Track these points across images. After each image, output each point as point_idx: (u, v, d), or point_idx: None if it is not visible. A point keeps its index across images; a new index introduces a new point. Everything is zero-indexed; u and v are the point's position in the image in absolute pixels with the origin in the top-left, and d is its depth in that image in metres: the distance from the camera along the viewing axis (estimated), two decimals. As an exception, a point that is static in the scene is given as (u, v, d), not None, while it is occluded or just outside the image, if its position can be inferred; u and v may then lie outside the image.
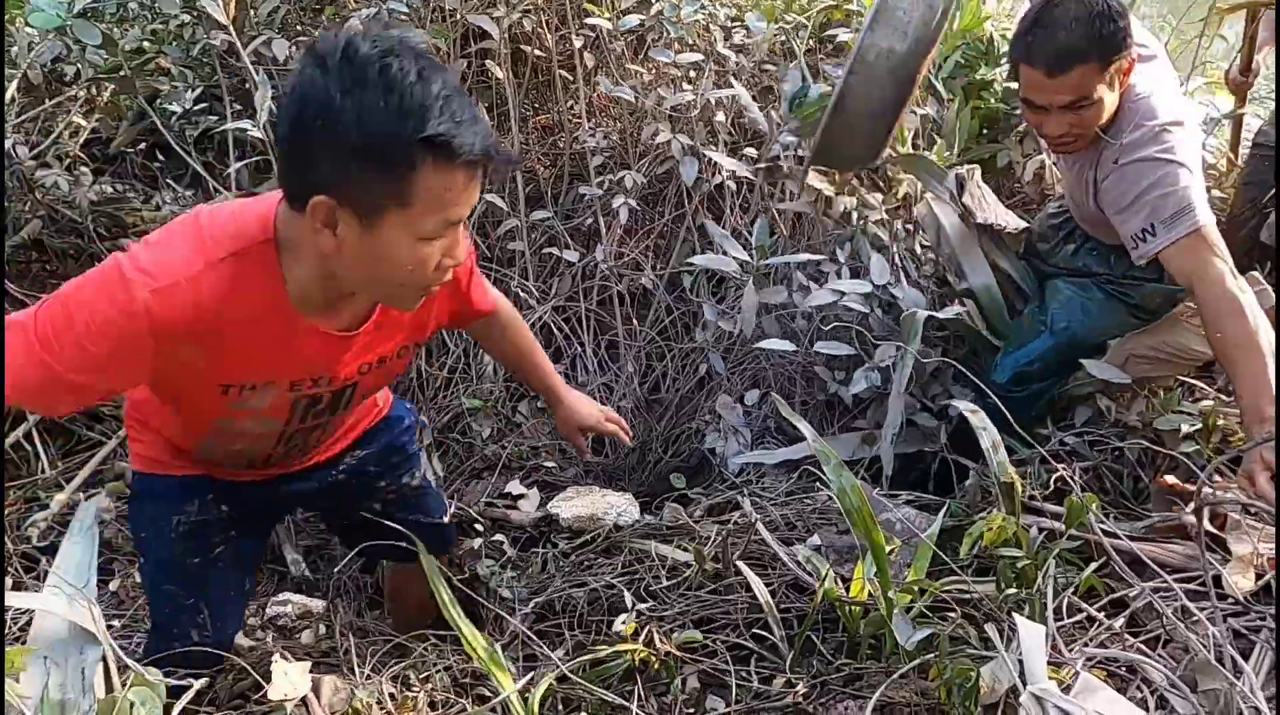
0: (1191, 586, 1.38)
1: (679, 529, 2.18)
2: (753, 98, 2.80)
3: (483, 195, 2.66)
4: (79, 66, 2.65)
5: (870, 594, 1.60)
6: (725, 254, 2.39)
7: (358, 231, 1.13)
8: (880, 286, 2.37)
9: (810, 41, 2.88)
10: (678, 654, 1.54)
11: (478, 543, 2.11)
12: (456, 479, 2.65)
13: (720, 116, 2.75)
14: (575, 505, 2.36)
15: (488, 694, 1.48)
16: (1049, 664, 1.26)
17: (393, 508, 1.77)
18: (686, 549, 1.96)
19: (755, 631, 1.70)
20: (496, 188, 2.84)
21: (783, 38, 2.89)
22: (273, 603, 2.24)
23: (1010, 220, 2.46)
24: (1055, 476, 1.81)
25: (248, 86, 2.62)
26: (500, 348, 1.83)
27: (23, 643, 1.07)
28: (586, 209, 2.91)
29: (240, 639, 2.07)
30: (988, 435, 1.69)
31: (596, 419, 1.90)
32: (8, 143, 2.75)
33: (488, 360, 2.77)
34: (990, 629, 1.32)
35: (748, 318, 2.40)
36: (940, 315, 2.27)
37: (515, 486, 2.54)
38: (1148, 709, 1.07)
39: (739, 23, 2.89)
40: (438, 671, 1.50)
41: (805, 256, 2.45)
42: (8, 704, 0.98)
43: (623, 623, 1.64)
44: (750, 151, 2.74)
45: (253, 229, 1.20)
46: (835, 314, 2.48)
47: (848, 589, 1.64)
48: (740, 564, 1.75)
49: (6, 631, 1.50)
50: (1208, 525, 1.44)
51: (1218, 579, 1.32)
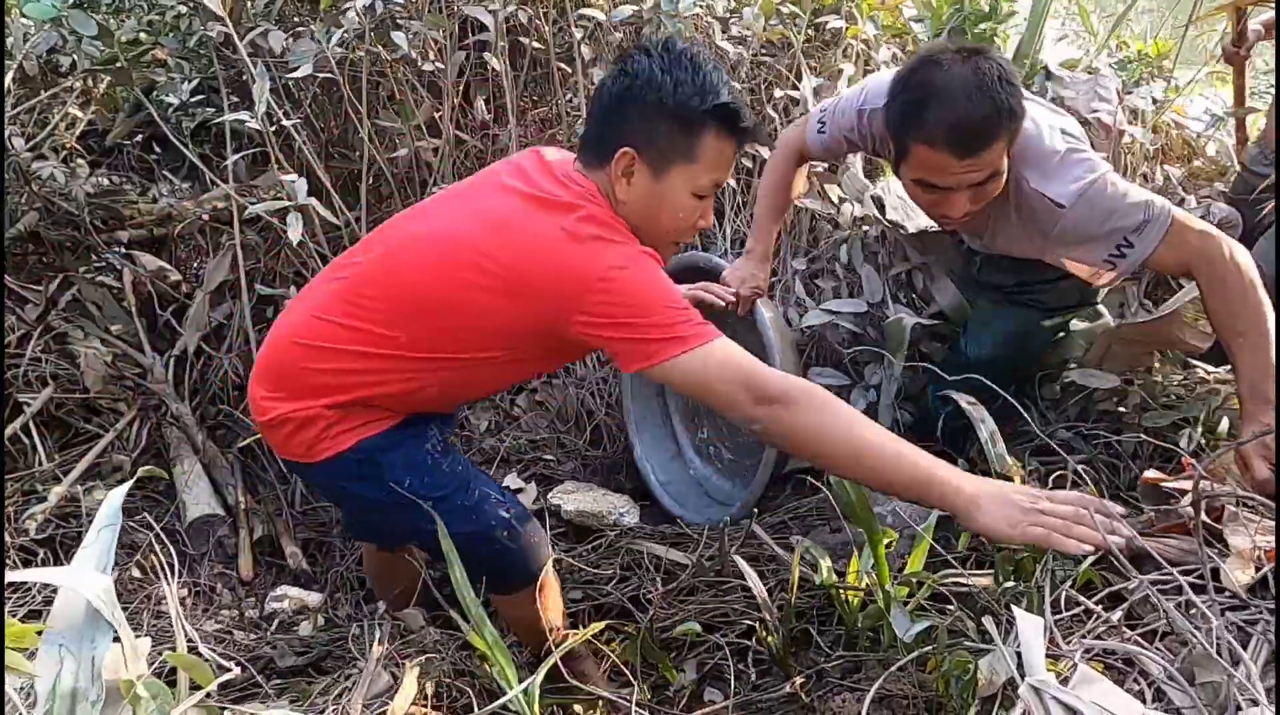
0: (1189, 580, 1.38)
1: (678, 533, 2.20)
2: (750, 90, 2.79)
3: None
4: (75, 58, 2.64)
5: (867, 587, 1.61)
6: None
7: (648, 178, 1.48)
8: (874, 305, 2.37)
9: (809, 31, 2.87)
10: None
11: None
12: (454, 472, 2.65)
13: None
14: (577, 499, 2.36)
15: (489, 683, 1.49)
16: (1047, 656, 1.27)
17: None
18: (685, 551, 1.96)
19: (751, 626, 1.71)
20: (494, 180, 2.83)
21: (780, 26, 2.88)
22: (271, 597, 2.24)
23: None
24: (1055, 476, 1.81)
25: (244, 78, 2.61)
26: None
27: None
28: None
29: (238, 634, 2.08)
30: (985, 427, 1.69)
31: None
32: (4, 134, 2.74)
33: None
34: (988, 621, 1.32)
35: None
36: (925, 322, 2.27)
37: (513, 480, 2.55)
38: (1145, 701, 1.08)
39: (736, 15, 2.88)
40: (442, 661, 1.50)
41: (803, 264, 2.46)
42: (17, 679, 0.98)
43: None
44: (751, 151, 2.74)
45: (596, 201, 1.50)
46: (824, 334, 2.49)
47: (842, 576, 1.65)
48: (737, 559, 1.75)
49: (11, 613, 1.51)
50: (1204, 517, 1.44)
51: (1216, 571, 1.32)
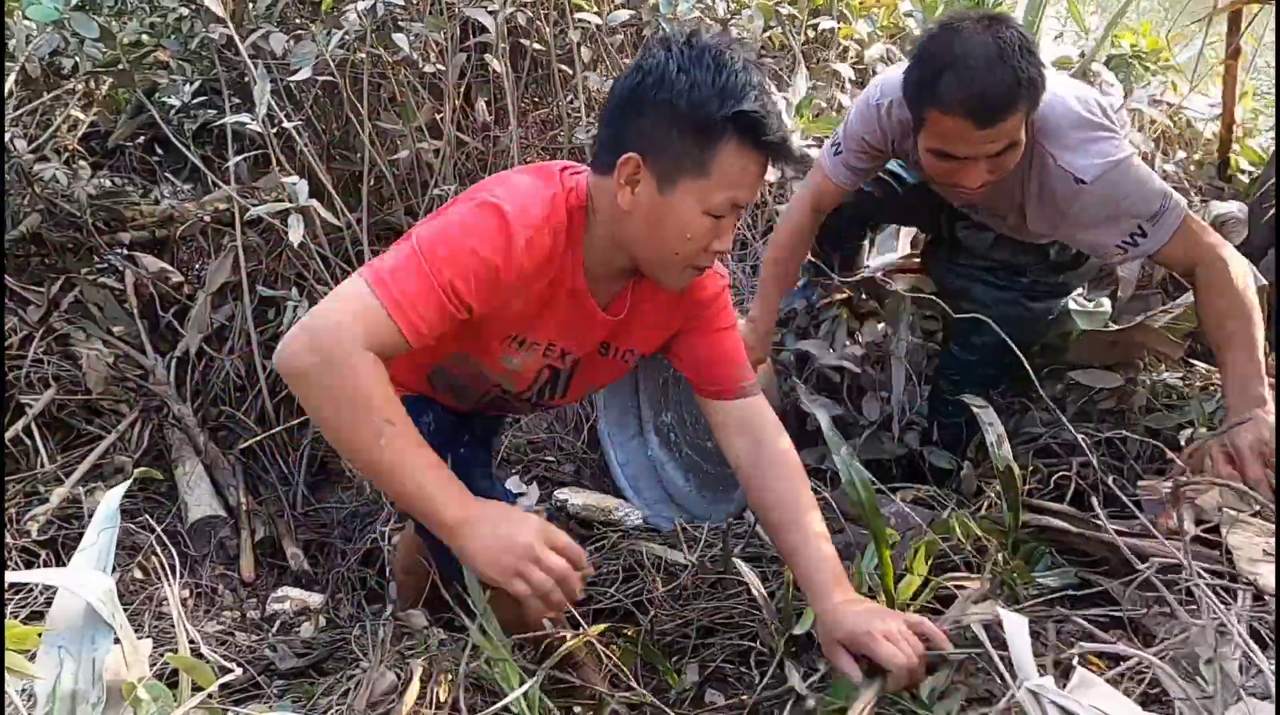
0: (1188, 581, 1.39)
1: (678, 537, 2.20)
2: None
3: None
4: (77, 60, 2.65)
5: (869, 587, 1.61)
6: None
7: (654, 190, 1.28)
8: (872, 343, 2.39)
9: (808, 32, 2.88)
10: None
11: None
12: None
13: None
14: (583, 495, 2.37)
15: (491, 684, 1.49)
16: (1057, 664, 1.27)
17: None
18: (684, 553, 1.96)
19: (753, 628, 1.71)
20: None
21: (778, 28, 2.89)
22: (272, 599, 2.24)
23: (890, 258, 2.38)
24: (1057, 476, 1.82)
25: (246, 80, 2.62)
26: (754, 483, 1.50)
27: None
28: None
29: (239, 636, 2.08)
30: (994, 430, 1.69)
31: (879, 637, 1.26)
32: (6, 136, 2.75)
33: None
34: (977, 626, 1.32)
35: None
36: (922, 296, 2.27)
37: (515, 484, 2.55)
38: (1144, 704, 1.08)
39: (736, 17, 2.88)
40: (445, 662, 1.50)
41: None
42: (18, 681, 0.99)
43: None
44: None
45: (571, 197, 1.34)
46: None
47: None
48: (738, 561, 1.75)
49: (13, 614, 1.51)
50: (1197, 530, 1.44)
51: (1217, 572, 1.33)
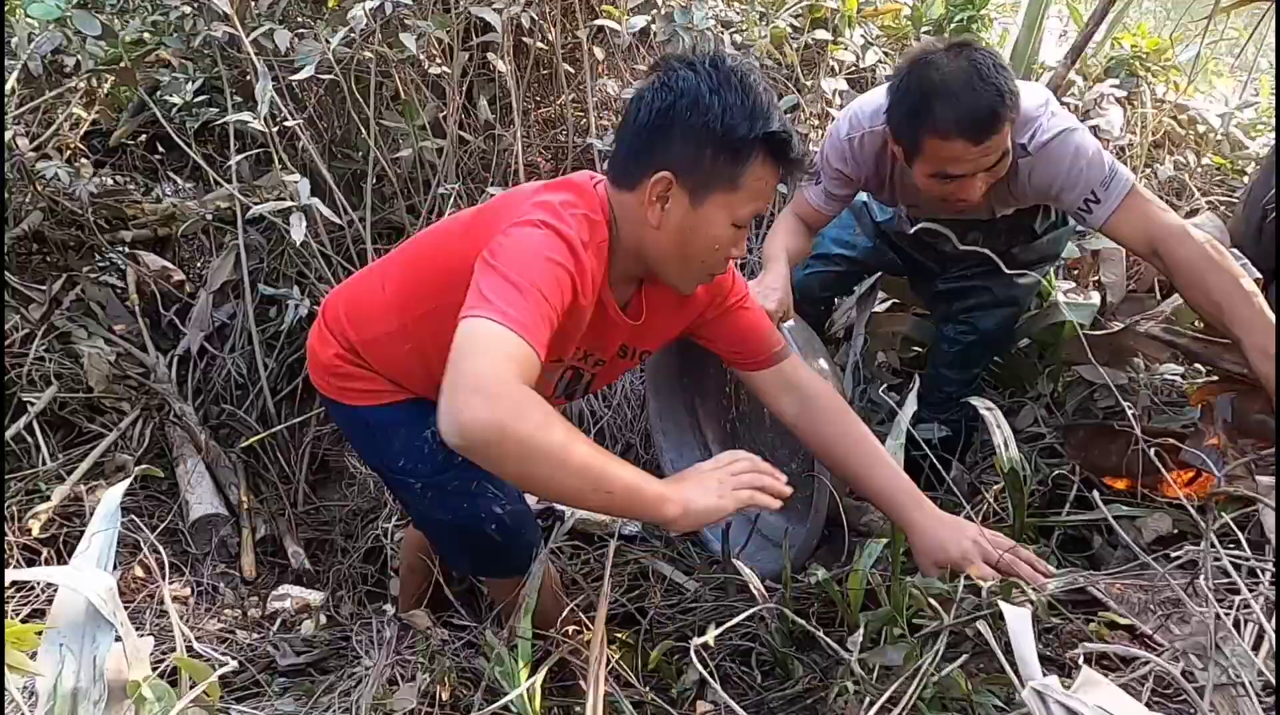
0: (1194, 579, 1.38)
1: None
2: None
3: (487, 188, 2.68)
4: (79, 58, 2.65)
5: (871, 586, 1.60)
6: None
7: (685, 206, 1.34)
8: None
9: (808, 38, 2.87)
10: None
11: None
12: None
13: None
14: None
15: (494, 683, 1.48)
16: (1051, 661, 1.27)
17: None
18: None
19: (753, 628, 1.71)
20: (498, 180, 2.84)
21: (771, 40, 2.88)
22: (273, 597, 2.25)
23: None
24: (1056, 475, 1.82)
25: (248, 78, 2.62)
26: (816, 432, 1.60)
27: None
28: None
29: (240, 634, 2.08)
30: (1001, 431, 1.69)
31: (966, 556, 1.43)
32: (8, 134, 2.75)
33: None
34: (981, 624, 1.32)
35: None
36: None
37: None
38: (1149, 704, 1.08)
39: (742, 24, 2.88)
40: (447, 665, 1.51)
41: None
42: (19, 678, 0.99)
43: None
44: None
45: (597, 211, 1.37)
46: None
47: (842, 584, 1.65)
48: (738, 562, 1.75)
49: (14, 612, 1.52)
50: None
51: (1223, 570, 1.32)
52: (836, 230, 2.27)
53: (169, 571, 1.68)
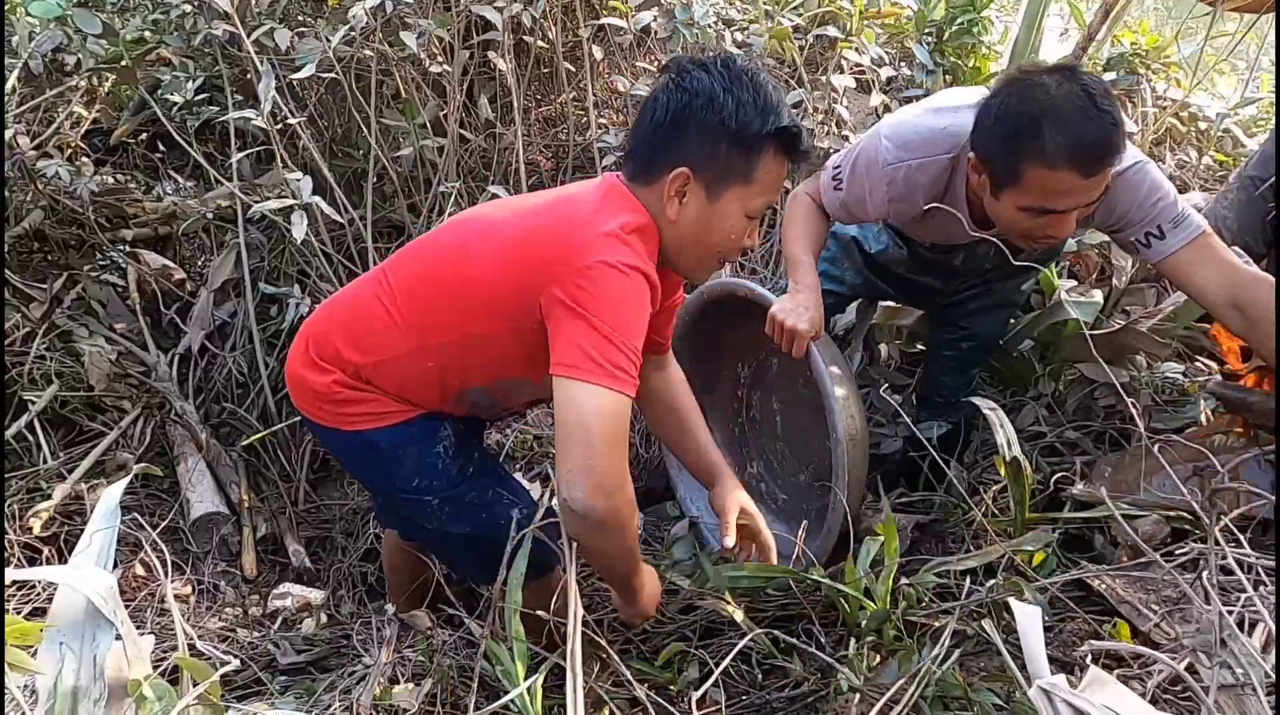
0: (1195, 577, 1.38)
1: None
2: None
3: (488, 186, 2.67)
4: (80, 56, 2.64)
5: (867, 588, 1.60)
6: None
7: (702, 200, 1.42)
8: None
9: (809, 37, 2.87)
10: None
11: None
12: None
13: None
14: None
15: (495, 682, 1.48)
16: (1056, 660, 1.27)
17: None
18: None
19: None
20: (499, 179, 2.83)
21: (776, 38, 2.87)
22: (273, 596, 2.24)
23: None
24: (1057, 477, 1.82)
25: (249, 77, 2.61)
26: (664, 405, 1.82)
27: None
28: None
29: (241, 632, 2.08)
30: (1004, 431, 1.69)
31: (753, 511, 1.76)
32: (9, 133, 2.75)
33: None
34: (987, 623, 1.31)
35: None
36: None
37: (519, 480, 2.54)
38: (1155, 703, 1.07)
39: (743, 21, 2.87)
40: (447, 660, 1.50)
41: None
42: (20, 676, 0.98)
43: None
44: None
45: (643, 213, 1.44)
46: None
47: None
48: (738, 560, 1.75)
49: (15, 610, 1.51)
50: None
51: (1226, 569, 1.32)
52: (824, 264, 2.12)
53: (170, 570, 1.67)
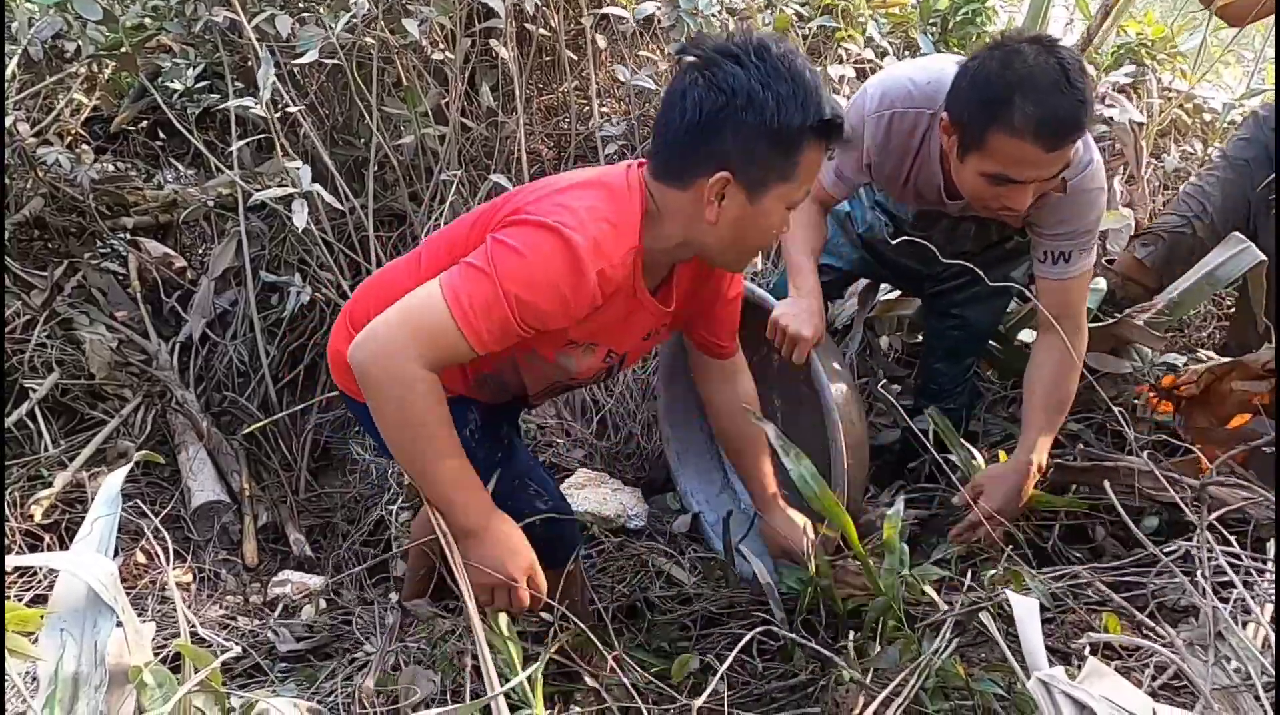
0: (1194, 572, 1.38)
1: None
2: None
3: (489, 175, 2.66)
4: (79, 43, 2.63)
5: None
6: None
7: (742, 202, 1.34)
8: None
9: (812, 26, 2.86)
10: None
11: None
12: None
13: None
14: (587, 496, 2.35)
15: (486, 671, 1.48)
16: (1056, 651, 1.27)
17: None
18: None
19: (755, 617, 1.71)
20: (500, 168, 2.82)
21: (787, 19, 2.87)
22: (274, 583, 2.25)
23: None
24: (1051, 471, 1.82)
25: (250, 64, 2.60)
26: (729, 429, 1.77)
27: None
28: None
29: (241, 620, 2.08)
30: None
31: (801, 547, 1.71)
32: (8, 120, 2.74)
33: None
34: (985, 616, 1.32)
35: None
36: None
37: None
38: (1155, 696, 1.08)
39: (746, 10, 2.86)
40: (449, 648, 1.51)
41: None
42: (20, 663, 0.99)
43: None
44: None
45: (644, 204, 1.38)
46: None
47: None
48: (743, 549, 1.76)
49: (16, 597, 1.52)
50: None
51: (1219, 569, 1.32)
52: None
53: (171, 558, 1.68)
